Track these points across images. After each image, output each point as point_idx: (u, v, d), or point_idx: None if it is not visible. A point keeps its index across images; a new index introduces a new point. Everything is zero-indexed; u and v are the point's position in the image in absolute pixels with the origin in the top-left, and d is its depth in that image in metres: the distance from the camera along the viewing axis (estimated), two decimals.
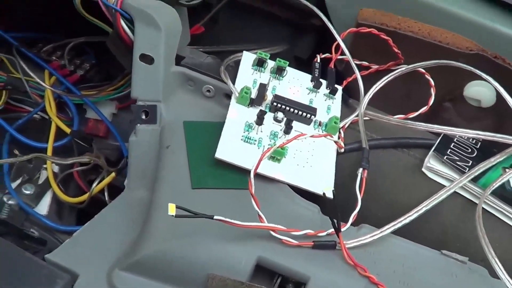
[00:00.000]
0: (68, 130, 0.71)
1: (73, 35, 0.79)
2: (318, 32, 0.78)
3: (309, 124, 0.57)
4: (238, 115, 0.55)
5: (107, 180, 0.63)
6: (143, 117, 0.58)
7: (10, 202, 0.62)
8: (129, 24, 0.59)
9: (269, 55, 0.59)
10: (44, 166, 0.69)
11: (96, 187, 0.63)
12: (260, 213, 0.46)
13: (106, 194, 0.65)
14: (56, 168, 0.70)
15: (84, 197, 0.63)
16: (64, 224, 0.66)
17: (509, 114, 0.57)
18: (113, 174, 0.63)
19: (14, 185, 0.67)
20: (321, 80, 0.61)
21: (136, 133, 0.58)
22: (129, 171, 0.58)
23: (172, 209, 0.43)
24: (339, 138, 0.57)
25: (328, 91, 0.60)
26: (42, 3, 0.80)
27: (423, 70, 0.63)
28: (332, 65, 0.63)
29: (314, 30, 0.78)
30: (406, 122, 0.59)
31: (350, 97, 0.63)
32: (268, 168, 0.52)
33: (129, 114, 0.76)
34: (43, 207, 0.66)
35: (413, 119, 0.61)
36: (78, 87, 0.75)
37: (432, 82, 0.63)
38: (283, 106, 0.56)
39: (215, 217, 0.44)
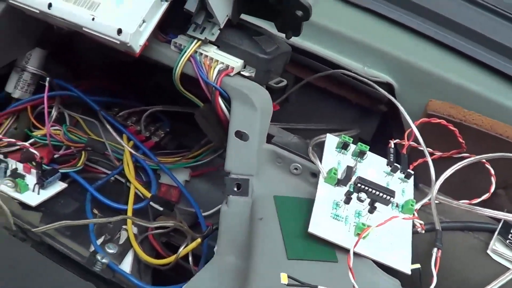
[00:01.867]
0: (147, 194, 0.75)
1: (146, 103, 0.85)
2: (383, 116, 0.84)
3: (387, 205, 0.62)
4: (326, 194, 0.60)
5: (192, 245, 0.67)
6: (235, 189, 0.63)
7: (103, 260, 0.66)
8: (225, 102, 0.64)
9: (352, 139, 0.65)
10: (124, 226, 0.74)
11: (182, 251, 0.67)
12: (355, 285, 0.51)
13: (190, 258, 0.69)
14: (135, 229, 0.74)
15: (171, 259, 0.67)
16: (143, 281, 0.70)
17: None
18: (198, 240, 0.67)
19: (97, 243, 0.71)
20: (395, 164, 0.66)
21: (228, 203, 0.63)
22: (220, 238, 0.62)
23: (284, 278, 0.48)
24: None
25: (403, 175, 0.65)
26: (117, 71, 0.87)
27: (485, 160, 0.69)
28: (405, 150, 0.68)
29: (379, 115, 0.85)
30: (473, 208, 0.64)
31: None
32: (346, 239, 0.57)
33: (201, 182, 0.81)
34: (125, 265, 0.70)
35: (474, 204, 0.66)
36: (154, 153, 0.81)
37: (493, 171, 0.69)
38: (366, 188, 0.61)
39: (319, 286, 0.49)
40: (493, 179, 0.69)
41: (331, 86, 0.82)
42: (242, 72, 0.66)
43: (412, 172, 0.66)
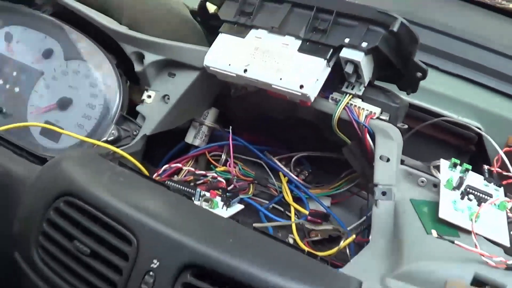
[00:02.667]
0: (305, 211, 1.03)
1: (292, 150, 1.13)
2: (472, 155, 1.11)
3: (485, 202, 0.88)
4: (446, 194, 0.87)
5: (350, 239, 0.93)
6: (382, 195, 0.89)
7: None
8: (370, 137, 0.92)
9: (459, 161, 0.92)
10: (290, 235, 1.00)
11: (342, 244, 0.93)
12: (477, 244, 0.76)
13: (347, 251, 0.95)
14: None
15: (333, 251, 0.93)
16: None
17: None
18: (353, 236, 0.93)
19: None
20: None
21: (377, 205, 0.89)
22: (373, 230, 0.87)
23: (434, 234, 0.75)
24: None
25: (496, 186, 0.91)
26: (269, 127, 1.16)
27: None
28: (495, 171, 0.95)
29: (469, 153, 1.11)
30: None
31: None
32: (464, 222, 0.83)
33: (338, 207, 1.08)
34: None
35: None
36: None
37: None
38: (473, 191, 0.87)
39: (455, 241, 0.75)
40: None
41: (434, 132, 1.10)
42: (380, 117, 0.94)
43: (503, 183, 0.93)
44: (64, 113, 1.08)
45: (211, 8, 1.05)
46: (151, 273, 0.76)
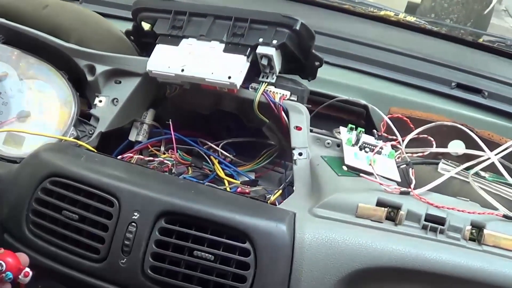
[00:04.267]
0: (237, 182, 1.27)
1: (218, 139, 1.38)
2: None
3: (380, 154, 1.17)
4: (348, 149, 1.15)
5: (279, 193, 1.18)
6: (299, 156, 1.15)
7: None
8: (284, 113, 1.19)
9: (354, 126, 1.20)
10: None
11: (272, 198, 1.18)
12: (376, 176, 1.04)
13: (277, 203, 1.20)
14: None
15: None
16: None
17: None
18: (280, 191, 1.19)
19: None
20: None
21: (296, 164, 1.14)
22: (296, 181, 1.12)
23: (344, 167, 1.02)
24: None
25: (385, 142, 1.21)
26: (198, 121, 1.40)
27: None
28: (381, 133, 1.24)
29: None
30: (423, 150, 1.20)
31: None
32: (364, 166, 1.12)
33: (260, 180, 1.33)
34: None
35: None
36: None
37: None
38: (368, 145, 1.16)
39: (361, 174, 1.03)
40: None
41: (331, 111, 1.39)
42: (290, 98, 1.21)
43: (390, 143, 1.22)
44: (23, 124, 1.25)
45: (145, 26, 1.29)
46: (133, 223, 0.97)
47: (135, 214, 0.98)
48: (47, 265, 1.01)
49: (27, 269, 0.93)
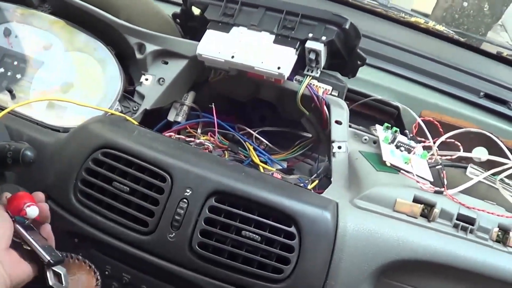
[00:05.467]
0: (271, 168, 1.32)
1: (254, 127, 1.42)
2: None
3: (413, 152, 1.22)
4: (385, 146, 1.20)
5: (316, 182, 1.23)
6: (338, 149, 1.20)
7: None
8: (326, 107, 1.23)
9: (390, 125, 1.25)
10: None
11: (310, 186, 1.23)
12: (415, 174, 1.10)
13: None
14: None
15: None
16: None
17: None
18: (317, 181, 1.23)
19: None
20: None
21: (335, 156, 1.19)
22: (334, 173, 1.17)
23: (388, 163, 1.07)
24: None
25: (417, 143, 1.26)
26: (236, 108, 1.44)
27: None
28: (414, 133, 1.30)
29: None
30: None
31: None
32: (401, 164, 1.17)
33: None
34: None
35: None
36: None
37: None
38: (403, 145, 1.21)
39: (401, 171, 1.09)
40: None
41: (365, 109, 1.45)
42: (332, 93, 1.26)
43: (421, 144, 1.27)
44: (66, 95, 1.28)
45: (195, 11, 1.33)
46: (184, 200, 1.01)
47: (187, 191, 1.02)
48: (93, 235, 1.04)
49: (26, 207, 0.94)
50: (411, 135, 1.29)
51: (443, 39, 1.90)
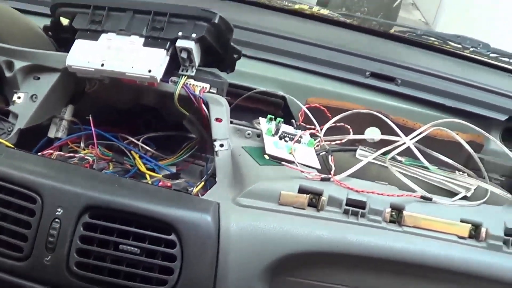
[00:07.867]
0: (158, 176, 1.28)
1: (138, 134, 1.38)
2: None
3: (299, 143, 1.20)
4: (268, 139, 1.18)
5: (201, 184, 1.19)
6: (220, 147, 1.17)
7: None
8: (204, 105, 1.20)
9: (273, 116, 1.23)
10: None
11: (195, 190, 1.19)
12: (297, 164, 1.08)
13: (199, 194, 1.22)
14: None
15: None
16: None
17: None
18: (203, 183, 1.20)
19: None
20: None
21: (218, 155, 1.16)
22: (218, 173, 1.14)
23: (266, 156, 1.05)
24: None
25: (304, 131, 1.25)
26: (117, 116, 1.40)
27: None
28: (299, 122, 1.28)
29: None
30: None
31: None
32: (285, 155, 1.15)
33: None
34: None
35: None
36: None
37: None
38: (287, 134, 1.20)
39: (282, 163, 1.07)
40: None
41: (250, 103, 1.42)
42: (210, 90, 1.23)
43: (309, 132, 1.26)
44: None
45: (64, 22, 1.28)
46: (57, 219, 0.97)
47: (59, 210, 0.97)
48: None
49: None
50: (298, 123, 1.27)
51: (329, 23, 1.90)
